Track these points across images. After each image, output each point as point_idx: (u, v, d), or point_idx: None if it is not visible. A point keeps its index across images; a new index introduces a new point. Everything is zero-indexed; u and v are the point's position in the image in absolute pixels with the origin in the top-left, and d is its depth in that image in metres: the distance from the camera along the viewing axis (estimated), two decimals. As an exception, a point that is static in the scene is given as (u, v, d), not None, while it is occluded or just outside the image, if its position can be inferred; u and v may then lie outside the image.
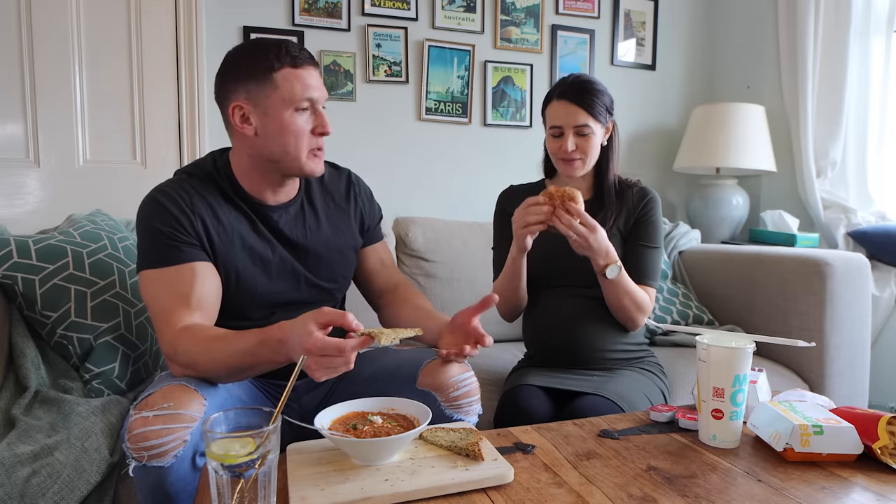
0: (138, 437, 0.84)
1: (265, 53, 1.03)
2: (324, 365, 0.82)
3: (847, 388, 1.77)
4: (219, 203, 1.08)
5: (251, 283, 1.09)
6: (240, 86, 1.04)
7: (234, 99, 1.05)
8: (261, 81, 1.03)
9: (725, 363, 0.92)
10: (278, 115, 1.04)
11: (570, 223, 1.20)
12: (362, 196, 1.27)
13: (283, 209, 1.14)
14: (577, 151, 1.34)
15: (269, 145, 1.06)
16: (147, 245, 1.03)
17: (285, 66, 1.02)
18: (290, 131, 1.04)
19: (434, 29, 2.32)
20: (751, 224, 2.58)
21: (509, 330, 2.00)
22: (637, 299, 1.32)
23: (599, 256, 1.25)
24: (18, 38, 1.87)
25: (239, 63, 1.05)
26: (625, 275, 1.29)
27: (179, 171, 1.12)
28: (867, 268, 1.78)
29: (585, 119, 1.32)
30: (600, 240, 1.23)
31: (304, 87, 1.04)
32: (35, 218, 1.88)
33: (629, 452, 0.93)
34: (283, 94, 1.03)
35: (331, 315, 0.83)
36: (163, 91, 2.04)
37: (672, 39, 2.72)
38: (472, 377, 1.10)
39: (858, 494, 0.80)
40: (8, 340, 1.33)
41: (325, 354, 0.81)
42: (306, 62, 1.05)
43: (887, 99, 2.28)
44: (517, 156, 2.48)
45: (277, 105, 1.03)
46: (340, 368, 0.83)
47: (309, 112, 1.06)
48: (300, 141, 1.06)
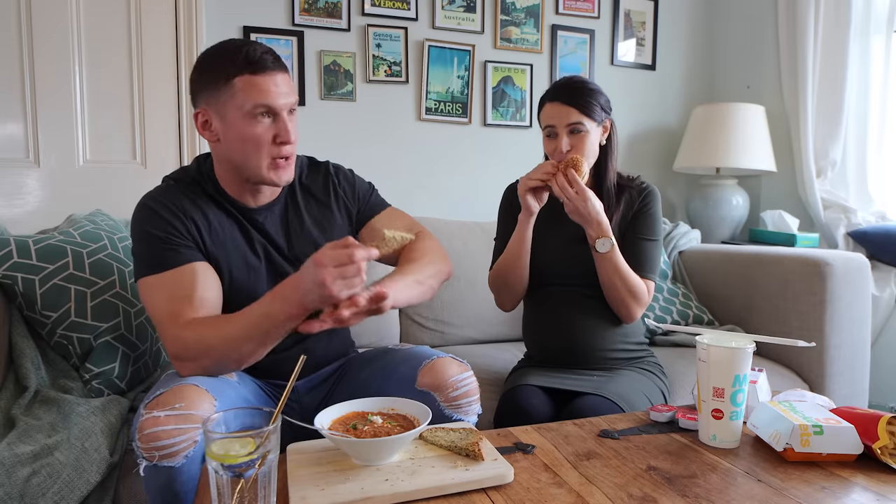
0: (150, 437, 0.84)
1: (224, 59, 1.01)
2: (338, 275, 0.85)
3: (847, 388, 1.77)
4: (208, 206, 1.09)
5: (244, 284, 1.09)
6: (202, 92, 1.03)
7: (198, 105, 1.04)
8: (220, 88, 1.01)
9: (725, 363, 0.91)
10: (235, 124, 1.02)
11: (563, 185, 1.25)
12: (342, 185, 1.24)
13: (266, 210, 1.13)
14: (573, 151, 1.34)
15: (229, 153, 1.05)
16: (143, 251, 1.03)
17: (244, 72, 0.99)
18: (248, 140, 1.02)
19: (434, 29, 2.32)
20: (751, 224, 2.58)
21: (509, 330, 2.01)
22: (630, 282, 1.31)
23: (591, 227, 1.28)
24: (18, 38, 1.87)
25: (202, 68, 1.03)
26: (617, 253, 1.30)
27: (167, 178, 1.13)
28: (867, 268, 1.78)
29: (578, 117, 1.32)
30: (590, 208, 1.26)
31: (261, 94, 1.00)
32: (35, 218, 1.88)
33: (629, 452, 0.93)
34: (238, 102, 1.00)
35: (333, 244, 0.88)
36: (163, 91, 2.04)
37: (672, 39, 2.72)
38: (472, 377, 1.10)
39: (858, 494, 0.80)
40: (8, 340, 1.33)
41: (339, 264, 0.85)
42: (268, 68, 1.01)
43: (887, 99, 2.28)
44: (517, 156, 2.47)
45: (234, 113, 1.01)
46: (355, 280, 0.86)
47: (270, 120, 1.03)
48: (259, 150, 1.03)
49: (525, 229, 1.34)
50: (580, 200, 1.25)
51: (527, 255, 1.37)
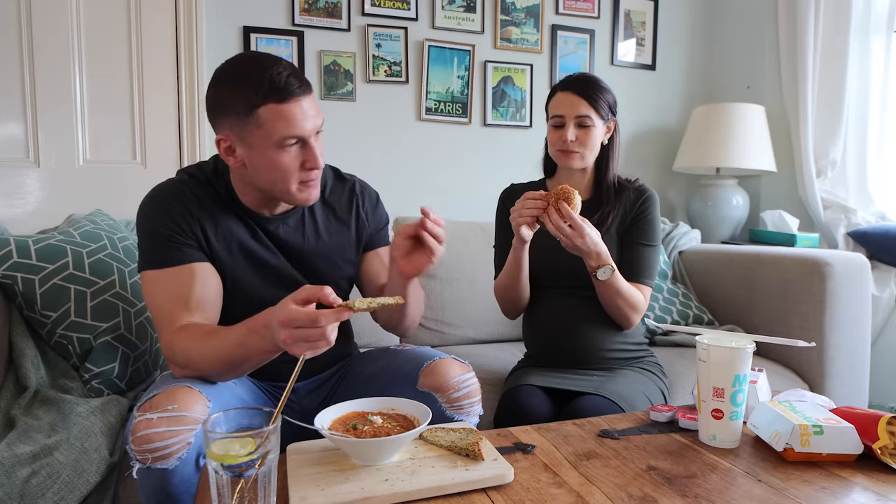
0: (142, 439, 0.84)
1: (246, 86, 0.95)
2: (299, 338, 0.79)
3: (847, 388, 1.77)
4: (218, 207, 1.07)
5: (248, 288, 1.09)
6: (223, 118, 0.99)
7: (220, 130, 1.00)
8: (243, 117, 0.96)
9: (725, 363, 0.91)
10: (263, 153, 0.98)
11: (558, 223, 1.20)
12: (366, 206, 1.23)
13: (280, 220, 1.12)
14: (577, 143, 1.34)
15: (257, 178, 1.03)
16: (146, 246, 1.03)
17: (269, 101, 0.95)
18: (277, 169, 0.99)
19: (434, 29, 2.32)
20: (751, 224, 2.58)
21: (509, 330, 2.01)
22: (631, 300, 1.31)
23: (590, 258, 1.25)
24: (18, 38, 1.87)
25: (222, 94, 0.98)
26: (618, 276, 1.29)
27: (181, 171, 1.12)
28: (867, 268, 1.78)
29: (588, 110, 1.33)
30: (589, 242, 1.22)
31: (290, 125, 0.96)
32: (35, 218, 1.88)
33: (629, 452, 0.93)
34: (266, 132, 0.96)
35: (309, 290, 0.81)
36: (163, 91, 2.04)
37: (672, 39, 2.72)
38: (473, 378, 1.09)
39: (858, 494, 0.80)
40: (8, 340, 1.33)
41: (299, 326, 0.78)
42: (293, 94, 0.96)
43: (887, 99, 2.27)
44: (517, 156, 2.47)
45: (261, 143, 0.97)
46: (319, 343, 0.79)
47: (297, 146, 1.00)
48: (288, 178, 1.01)
49: (521, 256, 1.33)
50: (577, 237, 1.21)
51: (525, 276, 1.37)
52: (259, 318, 0.88)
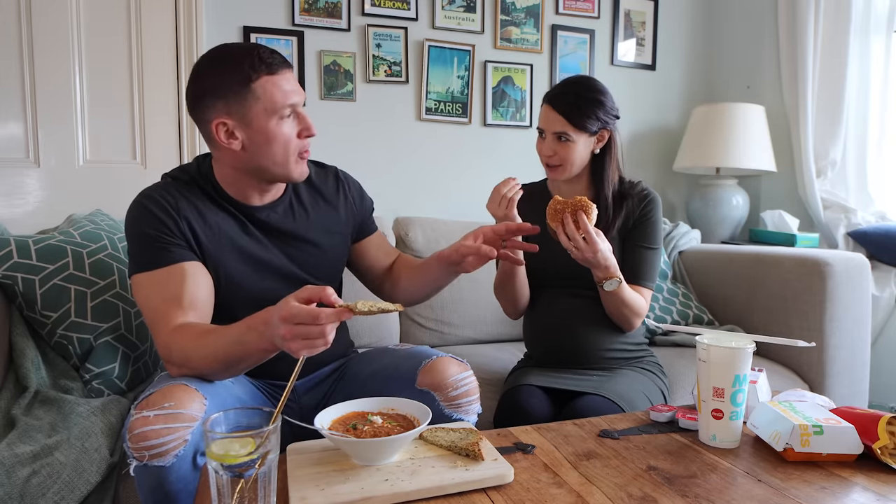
0: (139, 437, 0.84)
1: (239, 64, 0.99)
2: (299, 335, 0.79)
3: (847, 388, 1.77)
4: (205, 205, 1.08)
5: (241, 282, 1.09)
6: (218, 101, 1.01)
7: (215, 116, 1.01)
8: (239, 94, 1.00)
9: (725, 363, 0.91)
10: (264, 127, 1.02)
11: (573, 234, 1.18)
12: (352, 192, 1.26)
13: (270, 209, 1.14)
14: (555, 157, 1.34)
15: (257, 158, 1.05)
16: (136, 250, 1.04)
17: (262, 74, 1.00)
18: (279, 141, 1.03)
19: (434, 29, 2.32)
20: (751, 224, 2.58)
21: (509, 330, 2.01)
22: (635, 307, 1.32)
23: (598, 270, 1.25)
24: (18, 38, 1.87)
25: (212, 76, 1.01)
26: (624, 286, 1.28)
27: (165, 175, 1.13)
28: (867, 268, 1.78)
29: (563, 127, 1.31)
30: (600, 258, 1.21)
31: (285, 94, 1.02)
32: (35, 218, 1.88)
33: (629, 452, 0.93)
34: (265, 105, 1.00)
35: (311, 290, 0.82)
36: (163, 91, 2.04)
37: (672, 39, 2.72)
38: (472, 376, 1.10)
39: (858, 494, 0.80)
40: (8, 340, 1.33)
41: (300, 323, 0.79)
42: (281, 66, 1.02)
43: (887, 99, 2.27)
44: (517, 156, 2.47)
45: (261, 116, 1.01)
46: (317, 342, 0.80)
47: (292, 117, 1.05)
48: (288, 148, 1.05)
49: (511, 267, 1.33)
50: (589, 251, 1.19)
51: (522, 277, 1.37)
52: (259, 315, 0.88)
